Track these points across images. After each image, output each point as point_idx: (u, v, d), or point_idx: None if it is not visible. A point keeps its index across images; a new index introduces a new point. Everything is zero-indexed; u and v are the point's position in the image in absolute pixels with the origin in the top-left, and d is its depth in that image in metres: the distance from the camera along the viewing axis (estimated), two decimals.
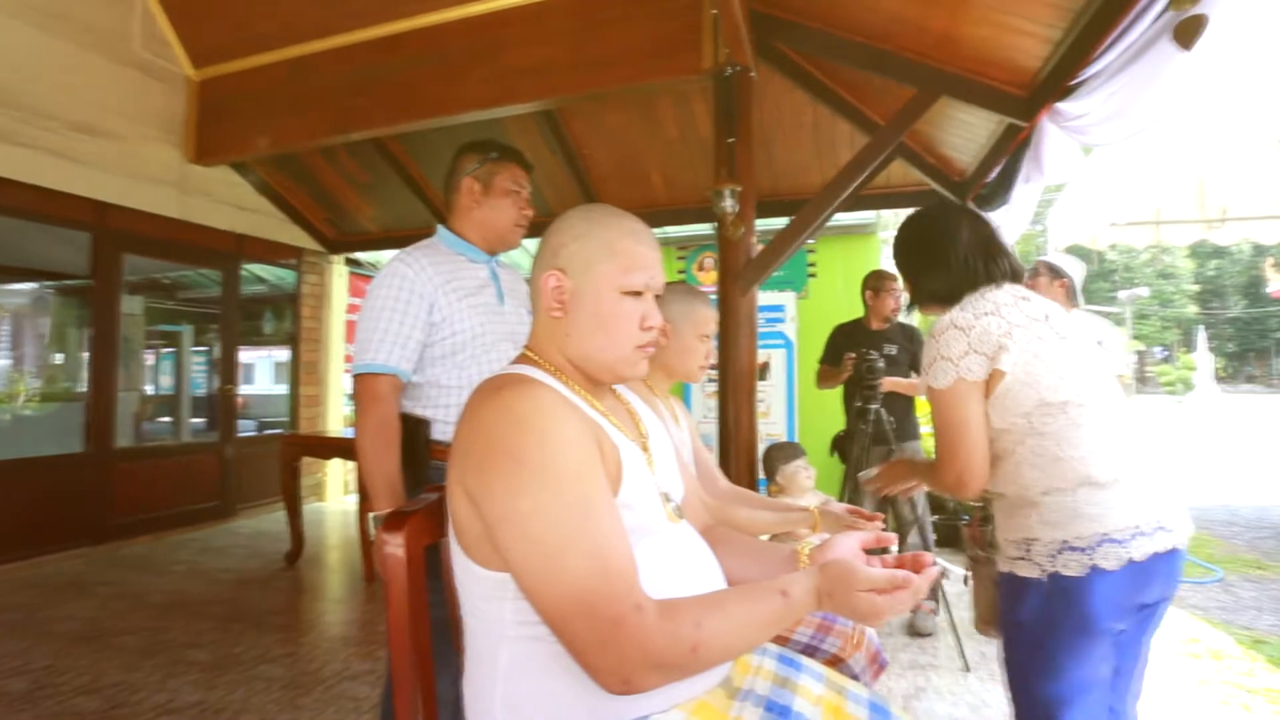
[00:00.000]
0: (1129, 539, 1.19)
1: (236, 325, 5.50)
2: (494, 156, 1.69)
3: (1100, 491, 1.22)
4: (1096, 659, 1.22)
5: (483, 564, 0.87)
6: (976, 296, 1.40)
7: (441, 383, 1.61)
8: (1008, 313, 1.33)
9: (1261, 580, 3.79)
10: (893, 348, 3.30)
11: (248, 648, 2.86)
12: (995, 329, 1.31)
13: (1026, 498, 1.29)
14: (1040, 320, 1.34)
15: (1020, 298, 1.39)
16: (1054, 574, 1.22)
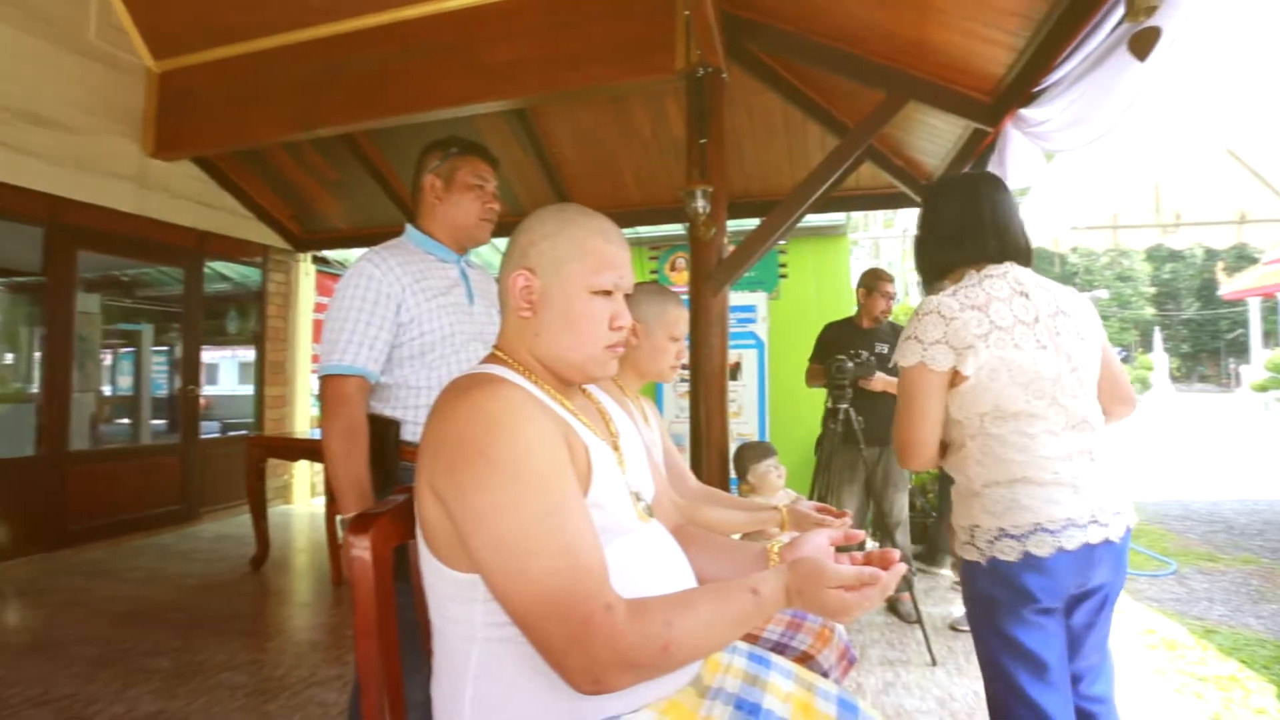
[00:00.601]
0: (1061, 529, 1.27)
1: (199, 324, 5.36)
2: (454, 152, 1.68)
3: (1037, 488, 1.30)
4: (1048, 633, 1.30)
5: (452, 565, 0.87)
6: (976, 279, 1.40)
7: (411, 383, 1.59)
8: (996, 310, 1.34)
9: (1213, 572, 3.92)
10: (884, 346, 3.35)
11: (210, 655, 2.79)
12: (973, 328, 1.33)
13: (971, 488, 1.38)
14: (1028, 324, 1.35)
15: (1019, 292, 1.38)
16: (992, 558, 1.31)
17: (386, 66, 3.61)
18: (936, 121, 3.51)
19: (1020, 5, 2.41)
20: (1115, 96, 1.93)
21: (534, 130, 4.56)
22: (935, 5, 2.67)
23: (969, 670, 2.68)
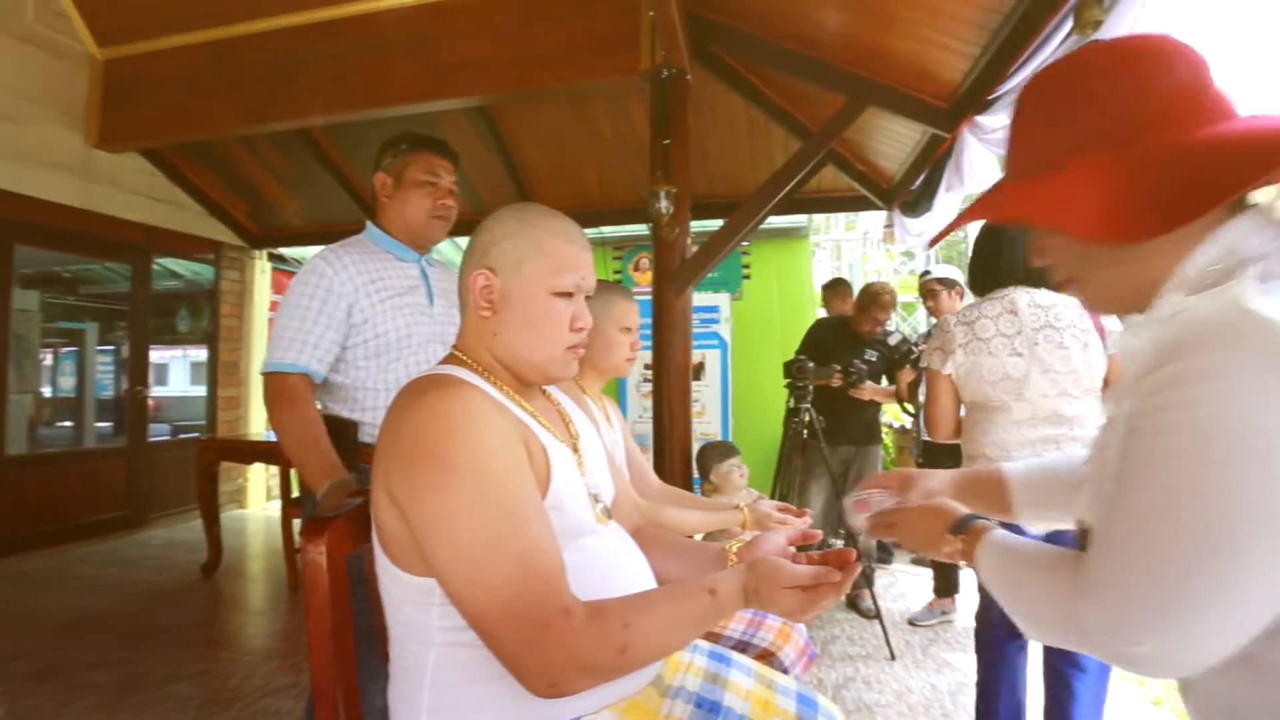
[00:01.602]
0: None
1: (148, 323, 5.17)
2: (405, 149, 1.64)
3: (991, 463, 1.51)
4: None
5: (408, 570, 0.85)
6: (980, 300, 1.88)
7: (368, 384, 1.56)
8: (980, 325, 1.84)
9: None
10: (873, 354, 3.40)
11: (157, 666, 2.69)
12: (958, 338, 1.85)
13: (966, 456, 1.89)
14: (1008, 335, 1.81)
15: (1008, 310, 1.83)
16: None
17: (346, 60, 3.53)
18: (896, 127, 3.58)
19: (975, 15, 2.48)
20: None
21: (497, 129, 4.52)
22: (895, 13, 2.73)
23: (926, 664, 2.74)
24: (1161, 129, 0.62)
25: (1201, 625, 0.53)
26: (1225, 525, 0.52)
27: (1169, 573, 0.53)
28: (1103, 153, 0.64)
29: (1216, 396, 0.53)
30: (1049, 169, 0.66)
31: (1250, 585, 0.52)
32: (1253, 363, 0.52)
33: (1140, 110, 0.63)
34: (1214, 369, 0.53)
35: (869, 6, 2.77)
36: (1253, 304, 0.53)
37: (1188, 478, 0.54)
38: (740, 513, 1.52)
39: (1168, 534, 0.54)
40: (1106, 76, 0.65)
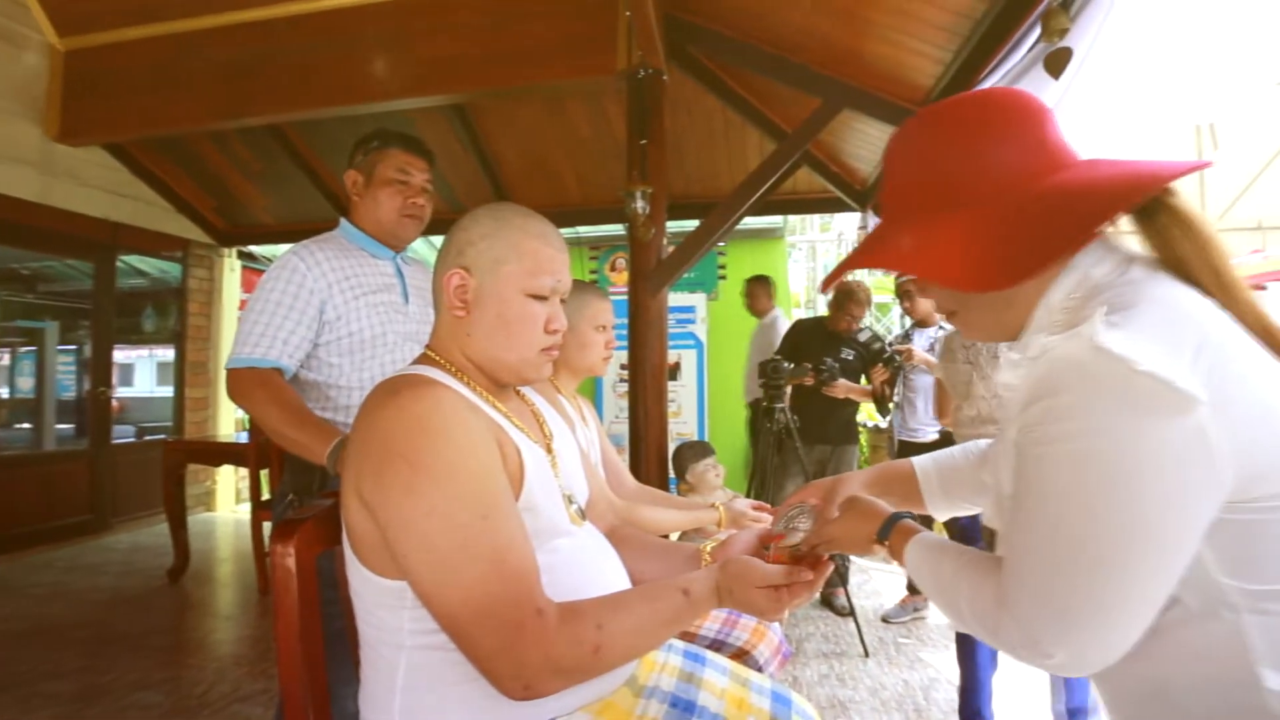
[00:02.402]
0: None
1: (111, 322, 5.04)
2: (375, 146, 1.61)
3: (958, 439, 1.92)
4: None
5: (379, 572, 0.84)
6: None
7: (341, 383, 1.54)
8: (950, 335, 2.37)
9: None
10: (849, 353, 3.42)
11: (121, 674, 2.62)
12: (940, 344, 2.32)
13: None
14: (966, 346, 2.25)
15: None
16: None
17: (318, 56, 3.48)
18: (869, 129, 3.63)
19: (947, 21, 2.52)
20: None
21: (473, 127, 4.48)
22: (869, 17, 2.76)
23: (899, 660, 2.78)
24: (1011, 187, 0.68)
25: (1102, 629, 0.59)
26: (1107, 541, 0.58)
27: (1067, 589, 0.60)
28: (961, 211, 0.70)
29: (1082, 432, 0.59)
30: (918, 216, 0.73)
31: (1136, 587, 0.59)
32: (1106, 397, 0.58)
33: (993, 171, 0.69)
34: (1076, 407, 0.60)
35: (843, 10, 2.80)
36: (1102, 340, 0.58)
37: (1070, 505, 0.60)
38: (715, 511, 1.53)
39: (1061, 555, 0.61)
40: (962, 138, 0.71)
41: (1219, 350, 0.59)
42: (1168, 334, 0.59)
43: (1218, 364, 0.58)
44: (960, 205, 0.70)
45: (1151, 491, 0.58)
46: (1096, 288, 0.65)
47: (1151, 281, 0.64)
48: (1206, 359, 0.58)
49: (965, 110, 0.73)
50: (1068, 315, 0.66)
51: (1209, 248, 0.65)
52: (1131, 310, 0.60)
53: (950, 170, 0.71)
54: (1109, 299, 0.62)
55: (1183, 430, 0.56)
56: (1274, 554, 0.59)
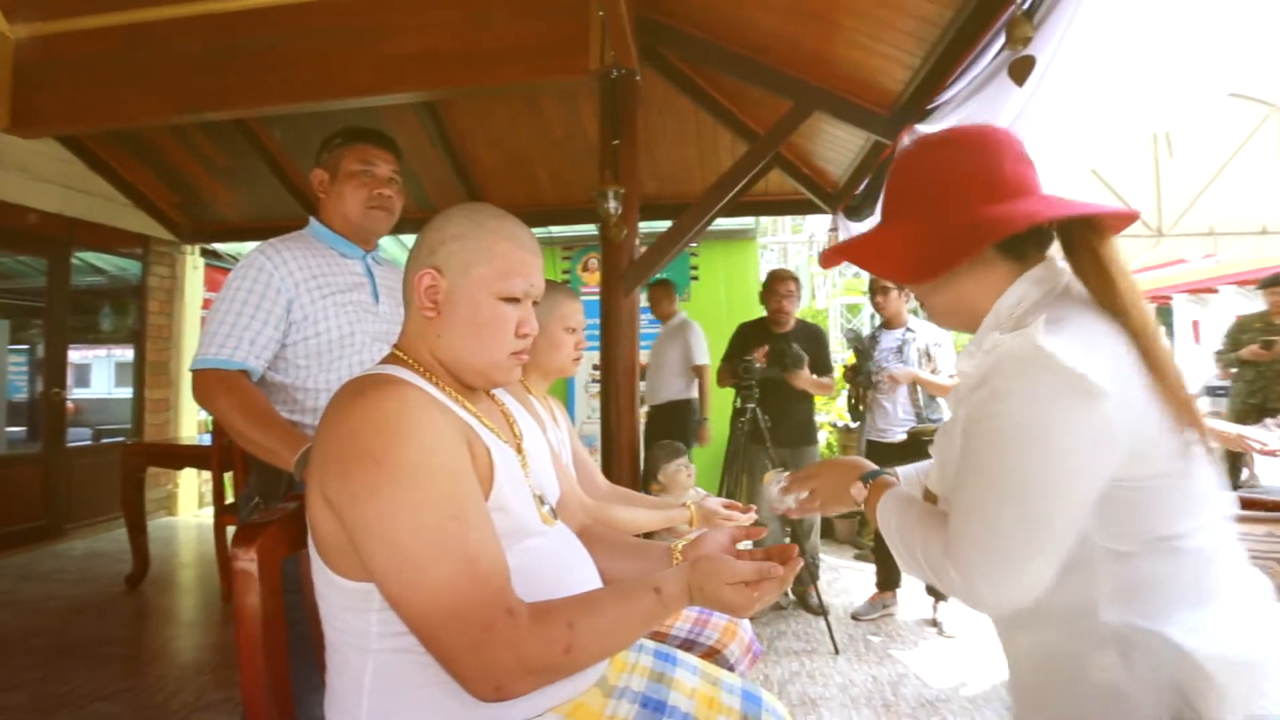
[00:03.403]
0: None
1: (66, 321, 4.87)
2: (338, 143, 1.60)
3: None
4: None
5: (345, 575, 0.83)
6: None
7: (308, 385, 1.51)
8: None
9: None
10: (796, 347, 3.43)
11: (79, 685, 2.54)
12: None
13: None
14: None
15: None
16: None
17: (285, 49, 3.40)
18: (840, 132, 3.67)
19: (915, 28, 2.56)
20: (997, 117, 2.08)
21: (444, 125, 4.44)
22: (839, 22, 2.79)
23: (868, 657, 2.82)
24: (953, 206, 0.84)
25: (1022, 572, 0.75)
26: (1032, 499, 0.74)
27: (998, 537, 0.75)
28: (916, 219, 0.87)
29: (1019, 410, 0.75)
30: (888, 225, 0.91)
31: (1051, 537, 0.74)
32: (1040, 385, 0.74)
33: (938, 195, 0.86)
34: (1016, 390, 0.76)
35: (814, 14, 2.83)
36: (1041, 341, 0.73)
37: (1005, 469, 0.76)
38: (687, 510, 1.54)
39: (994, 510, 0.76)
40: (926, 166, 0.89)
41: (1122, 360, 0.75)
42: (1090, 343, 0.74)
43: (1121, 370, 0.74)
44: (910, 217, 0.88)
45: (1068, 461, 0.73)
46: (1038, 302, 0.81)
47: (1079, 303, 0.81)
48: (1114, 365, 0.74)
49: (936, 142, 0.90)
50: (1015, 320, 0.82)
51: (1112, 285, 0.80)
52: (1065, 322, 0.76)
53: (913, 185, 0.88)
54: (1050, 312, 0.77)
55: (1095, 415, 0.72)
56: (1135, 522, 0.76)
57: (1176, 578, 0.75)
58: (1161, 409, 0.75)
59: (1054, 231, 0.87)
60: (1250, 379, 4.57)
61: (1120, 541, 0.76)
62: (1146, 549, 0.76)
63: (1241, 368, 4.64)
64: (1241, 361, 4.60)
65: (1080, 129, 2.06)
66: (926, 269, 0.85)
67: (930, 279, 0.87)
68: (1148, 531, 0.76)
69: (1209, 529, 0.77)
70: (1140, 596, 0.74)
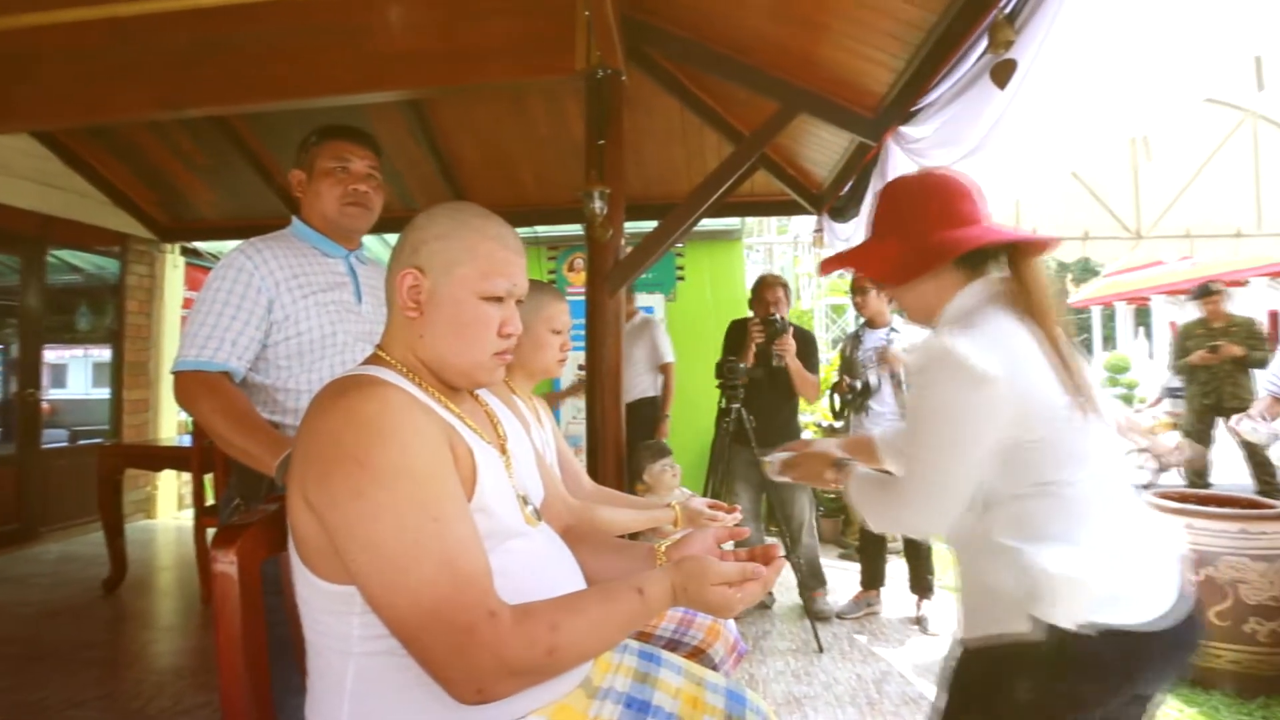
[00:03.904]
0: None
1: (41, 320, 4.79)
2: (313, 141, 1.58)
3: None
4: None
5: (326, 577, 0.82)
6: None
7: (289, 386, 1.49)
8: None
9: None
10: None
11: (53, 691, 2.49)
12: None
13: None
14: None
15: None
16: None
17: (268, 46, 3.36)
18: (825, 134, 3.69)
19: (899, 30, 2.58)
20: (980, 120, 2.10)
21: (429, 124, 4.41)
22: (824, 24, 2.81)
23: (852, 655, 2.84)
24: (920, 231, 1.09)
25: (932, 508, 1.03)
26: (944, 457, 1.00)
27: (920, 485, 1.04)
28: (892, 237, 1.13)
29: (932, 392, 1.01)
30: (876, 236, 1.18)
31: (952, 484, 1.00)
32: (946, 372, 0.98)
33: (913, 219, 1.11)
34: (931, 378, 1.01)
35: (799, 17, 2.84)
36: (947, 341, 0.99)
37: (923, 437, 1.03)
38: (672, 510, 1.54)
39: (917, 466, 1.05)
40: (903, 196, 1.15)
41: (1018, 354, 0.98)
42: (992, 340, 0.98)
43: (1015, 360, 0.97)
44: (891, 234, 1.14)
45: (967, 429, 0.98)
46: (977, 306, 1.05)
47: (998, 313, 1.03)
48: (1009, 357, 0.97)
49: (916, 178, 1.18)
50: (946, 323, 1.07)
51: (1030, 294, 1.04)
52: (978, 325, 1.01)
53: (896, 211, 1.15)
54: (971, 318, 1.03)
55: (983, 396, 0.96)
56: (1025, 471, 0.99)
57: (1052, 513, 0.98)
58: (1058, 387, 0.98)
59: (998, 252, 1.10)
60: (1204, 380, 4.95)
61: (1014, 486, 0.99)
62: (1034, 491, 0.99)
63: (1194, 371, 4.99)
64: (1192, 366, 4.96)
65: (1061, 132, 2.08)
66: (901, 275, 1.12)
67: (904, 283, 1.13)
68: (1035, 478, 0.98)
69: (1089, 478, 0.99)
70: (1023, 525, 0.98)
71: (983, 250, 1.08)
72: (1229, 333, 4.90)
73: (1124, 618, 0.94)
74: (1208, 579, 2.37)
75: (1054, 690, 0.95)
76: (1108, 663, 0.94)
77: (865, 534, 3.43)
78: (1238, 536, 2.39)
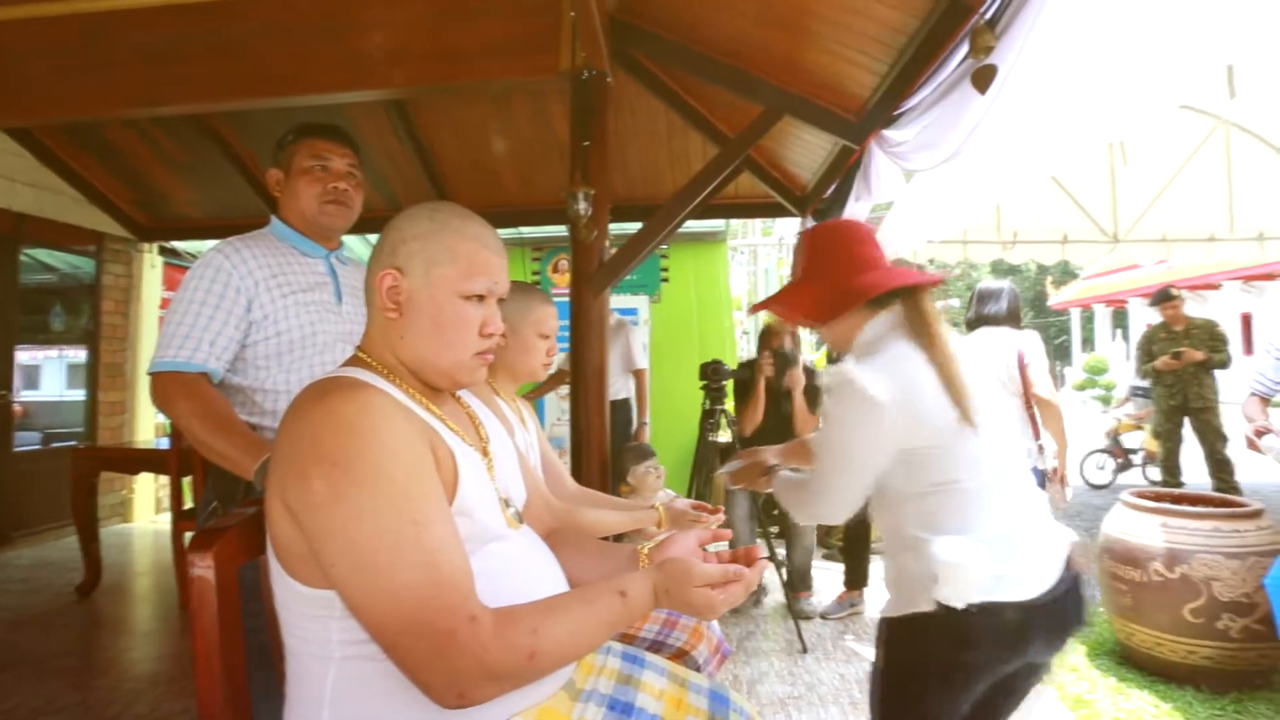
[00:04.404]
0: None
1: (15, 321, 4.70)
2: (290, 140, 1.57)
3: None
4: None
5: (305, 582, 0.81)
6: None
7: (268, 386, 1.47)
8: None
9: None
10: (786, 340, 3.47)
11: (23, 700, 2.44)
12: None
13: None
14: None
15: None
16: None
17: (249, 44, 3.32)
18: (809, 137, 3.71)
19: (882, 34, 2.60)
20: (961, 124, 2.12)
21: (413, 123, 4.38)
22: (809, 27, 2.82)
23: (836, 655, 2.85)
24: (838, 276, 1.27)
25: (831, 504, 1.23)
26: (843, 464, 1.19)
27: (820, 485, 1.25)
28: (815, 282, 1.30)
29: (833, 413, 1.19)
30: (798, 283, 1.34)
31: (843, 487, 1.21)
32: (845, 396, 1.16)
33: (827, 268, 1.29)
34: (834, 400, 1.18)
35: (784, 20, 2.86)
36: (846, 370, 1.16)
37: (831, 447, 1.21)
38: (655, 512, 1.54)
39: (818, 471, 1.25)
40: (821, 245, 1.33)
41: (909, 379, 1.14)
42: (887, 369, 1.15)
43: (906, 385, 1.13)
44: (810, 281, 1.31)
45: (857, 442, 1.17)
46: (881, 337, 1.23)
47: (898, 341, 1.20)
48: (900, 382, 1.13)
49: (825, 230, 1.37)
50: (856, 351, 1.26)
51: (924, 326, 1.20)
52: (876, 355, 1.20)
53: (812, 261, 1.32)
54: (874, 346, 1.22)
55: (874, 415, 1.12)
56: (923, 474, 1.15)
57: (949, 508, 1.14)
58: (947, 403, 1.13)
59: (898, 290, 1.25)
60: (1170, 383, 5.12)
61: (917, 486, 1.16)
62: (932, 490, 1.15)
63: (1159, 374, 5.16)
64: (1157, 370, 5.13)
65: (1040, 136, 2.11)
66: (825, 315, 1.29)
67: (825, 322, 1.31)
68: (933, 479, 1.15)
69: (980, 477, 1.15)
70: (926, 519, 1.14)
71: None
72: (1190, 335, 5.05)
73: (1009, 595, 1.10)
74: (1182, 576, 2.41)
75: (950, 659, 1.13)
76: (994, 634, 1.10)
77: (850, 535, 3.46)
78: (1211, 535, 2.43)
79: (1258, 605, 2.30)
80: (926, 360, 1.16)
